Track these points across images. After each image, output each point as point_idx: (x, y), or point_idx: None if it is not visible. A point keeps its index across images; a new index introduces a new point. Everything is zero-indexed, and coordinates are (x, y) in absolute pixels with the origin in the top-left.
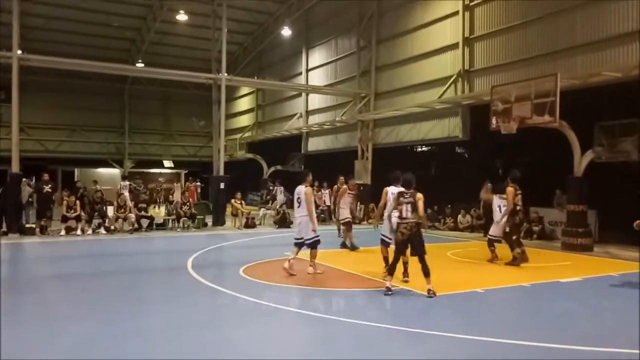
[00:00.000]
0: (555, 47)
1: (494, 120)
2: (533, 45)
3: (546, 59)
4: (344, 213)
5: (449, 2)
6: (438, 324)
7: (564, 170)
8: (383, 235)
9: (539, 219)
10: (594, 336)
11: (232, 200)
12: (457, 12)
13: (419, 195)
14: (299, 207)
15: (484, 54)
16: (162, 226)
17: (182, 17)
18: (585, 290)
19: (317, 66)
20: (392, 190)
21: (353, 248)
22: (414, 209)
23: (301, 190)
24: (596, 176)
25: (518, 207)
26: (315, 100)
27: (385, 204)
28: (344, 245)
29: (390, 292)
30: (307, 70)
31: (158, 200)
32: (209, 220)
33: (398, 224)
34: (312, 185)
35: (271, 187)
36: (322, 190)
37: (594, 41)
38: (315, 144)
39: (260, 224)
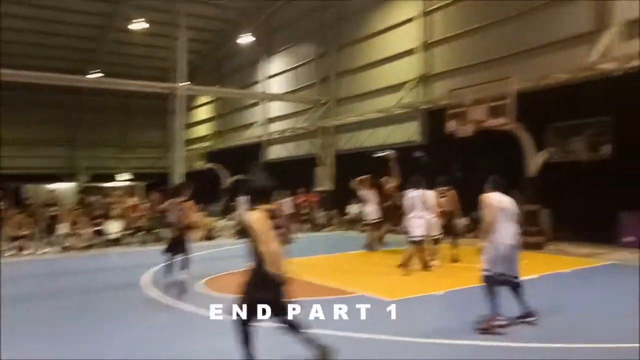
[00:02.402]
0: (512, 49)
1: (450, 124)
2: (491, 49)
3: (505, 62)
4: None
5: (407, 8)
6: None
7: (521, 170)
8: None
9: None
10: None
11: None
12: (415, 17)
13: (188, 204)
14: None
15: (443, 58)
16: (117, 242)
17: (140, 25)
18: (543, 286)
19: (278, 73)
20: (411, 195)
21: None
22: (181, 215)
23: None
24: (550, 176)
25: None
26: (277, 108)
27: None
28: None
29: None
30: (268, 78)
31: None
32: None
33: (172, 229)
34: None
35: (229, 198)
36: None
37: (547, 44)
38: (277, 152)
39: (220, 236)
